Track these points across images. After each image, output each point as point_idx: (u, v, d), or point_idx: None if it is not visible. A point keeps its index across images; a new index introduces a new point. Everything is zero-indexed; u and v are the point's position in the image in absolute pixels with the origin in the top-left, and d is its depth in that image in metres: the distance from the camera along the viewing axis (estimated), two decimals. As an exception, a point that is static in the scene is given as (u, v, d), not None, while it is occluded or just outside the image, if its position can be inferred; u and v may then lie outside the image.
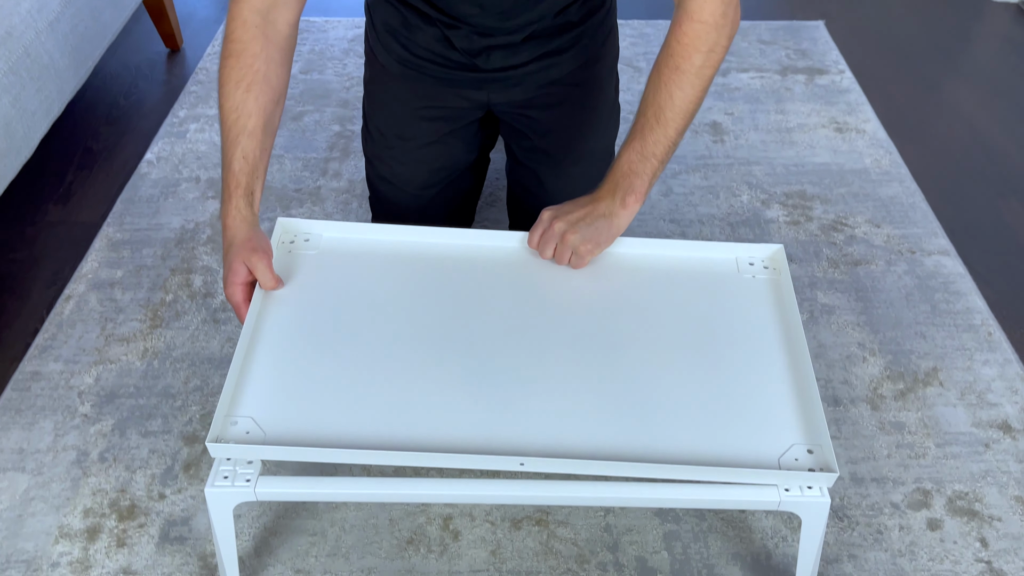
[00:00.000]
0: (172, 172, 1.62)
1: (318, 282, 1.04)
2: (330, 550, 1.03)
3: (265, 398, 0.91)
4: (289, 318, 0.99)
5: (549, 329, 0.99)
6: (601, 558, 1.02)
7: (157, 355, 1.27)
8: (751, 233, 1.49)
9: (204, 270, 1.41)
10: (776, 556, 1.03)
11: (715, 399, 0.92)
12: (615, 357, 0.96)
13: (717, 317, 1.01)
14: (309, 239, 1.09)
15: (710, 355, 0.96)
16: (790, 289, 1.02)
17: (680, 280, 1.05)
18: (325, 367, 0.94)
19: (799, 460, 0.87)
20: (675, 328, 0.99)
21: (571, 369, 0.95)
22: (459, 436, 0.88)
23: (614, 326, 1.00)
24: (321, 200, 1.56)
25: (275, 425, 0.89)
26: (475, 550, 1.03)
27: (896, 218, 1.52)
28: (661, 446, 0.88)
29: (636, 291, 1.04)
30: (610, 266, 1.07)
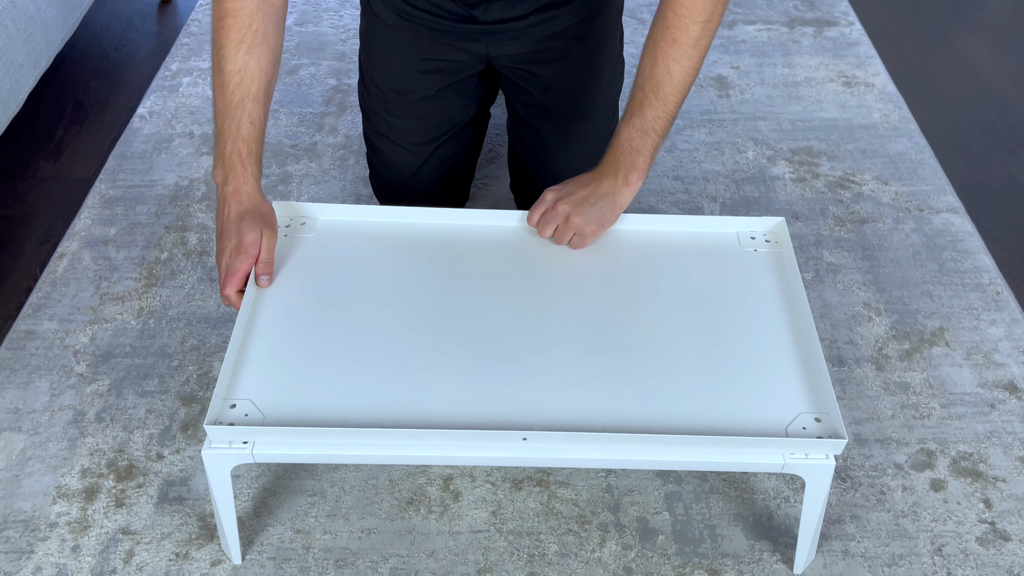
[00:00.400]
0: (165, 127, 1.59)
1: (316, 264, 1.02)
2: (330, 511, 1.03)
3: (264, 380, 0.90)
4: (287, 299, 0.98)
5: (551, 306, 0.98)
6: (602, 519, 1.02)
7: (153, 314, 1.25)
8: (756, 190, 1.46)
9: (199, 228, 1.39)
10: (778, 517, 1.02)
11: (720, 371, 0.91)
12: (618, 332, 0.95)
13: (720, 291, 0.99)
14: (305, 222, 1.07)
15: (714, 328, 0.95)
16: (793, 261, 1.01)
17: (681, 255, 1.04)
18: (324, 348, 0.93)
19: (807, 428, 0.86)
20: (678, 303, 0.98)
21: (574, 344, 0.93)
22: (461, 412, 0.87)
23: (617, 302, 0.98)
24: (317, 156, 1.53)
25: (274, 407, 0.87)
26: (476, 511, 1.03)
27: (905, 175, 1.49)
28: (667, 418, 0.87)
29: (638, 267, 1.02)
30: (611, 243, 1.05)
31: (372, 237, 1.05)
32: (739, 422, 0.87)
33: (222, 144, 0.97)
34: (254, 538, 1.00)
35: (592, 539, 1.00)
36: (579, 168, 1.23)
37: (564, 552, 0.99)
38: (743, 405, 0.88)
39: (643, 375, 0.91)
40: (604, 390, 0.90)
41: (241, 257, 0.94)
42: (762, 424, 0.87)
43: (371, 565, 0.98)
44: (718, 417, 0.87)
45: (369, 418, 0.87)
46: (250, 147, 0.97)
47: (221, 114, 0.97)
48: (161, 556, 0.98)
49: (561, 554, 0.99)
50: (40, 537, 1.00)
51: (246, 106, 0.96)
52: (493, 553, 0.99)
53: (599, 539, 1.00)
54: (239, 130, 0.96)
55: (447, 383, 0.90)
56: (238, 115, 0.96)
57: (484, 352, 0.93)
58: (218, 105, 0.98)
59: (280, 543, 1.00)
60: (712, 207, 1.43)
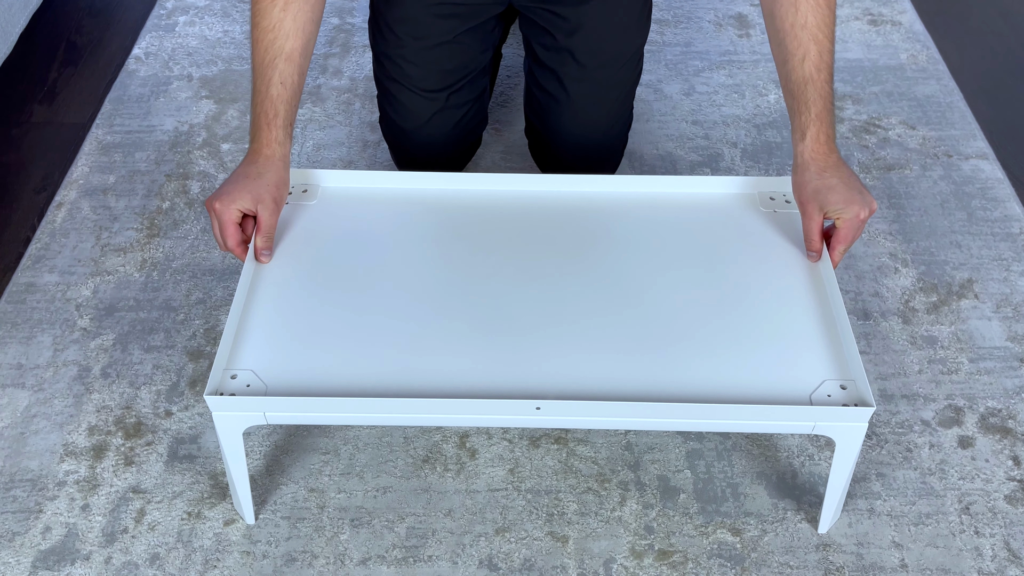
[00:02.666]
0: (162, 69, 1.53)
1: (319, 233, 0.98)
2: (343, 469, 1.00)
3: (266, 350, 0.87)
4: (289, 268, 0.94)
5: (564, 272, 0.94)
6: (622, 477, 1.00)
7: (156, 266, 1.22)
8: (778, 136, 1.41)
9: (201, 176, 1.34)
10: (802, 475, 1.00)
11: (741, 337, 0.88)
12: (635, 297, 0.91)
13: (740, 254, 0.96)
14: (307, 190, 1.02)
15: (733, 293, 0.92)
16: None
17: (698, 216, 1.00)
18: (329, 316, 0.90)
19: (832, 396, 0.83)
20: (696, 266, 0.94)
21: (589, 310, 0.90)
22: (472, 380, 0.84)
23: (632, 266, 0.94)
24: (321, 100, 1.47)
25: (277, 377, 0.85)
26: (493, 468, 1.00)
27: (933, 119, 1.44)
28: (686, 385, 0.84)
29: (653, 230, 0.98)
30: (626, 205, 1.01)
31: (377, 203, 1.01)
32: (762, 388, 0.84)
33: (253, 103, 0.94)
34: (267, 497, 0.98)
35: (612, 498, 0.98)
36: (600, 118, 1.17)
37: (584, 511, 0.97)
38: (765, 371, 0.85)
39: (659, 341, 0.88)
40: (619, 357, 0.87)
41: (221, 227, 0.93)
42: (786, 391, 0.84)
43: (387, 524, 0.96)
44: (740, 383, 0.84)
45: (376, 387, 0.84)
46: (277, 109, 0.93)
47: (254, 72, 0.94)
48: (173, 515, 0.96)
49: (581, 513, 0.97)
50: (48, 496, 0.98)
51: (277, 65, 0.92)
52: (511, 512, 0.97)
53: (619, 498, 0.98)
54: (268, 90, 0.92)
55: (457, 351, 0.87)
56: (269, 74, 0.92)
57: (495, 319, 0.89)
58: (253, 63, 0.94)
59: (294, 502, 0.98)
60: (732, 153, 1.38)
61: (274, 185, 0.93)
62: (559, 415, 0.83)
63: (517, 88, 1.48)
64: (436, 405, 0.82)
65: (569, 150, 1.20)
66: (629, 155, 1.36)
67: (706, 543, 0.94)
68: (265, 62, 0.92)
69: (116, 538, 0.94)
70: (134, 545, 0.94)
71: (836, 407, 0.82)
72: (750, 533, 0.95)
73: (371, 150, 1.38)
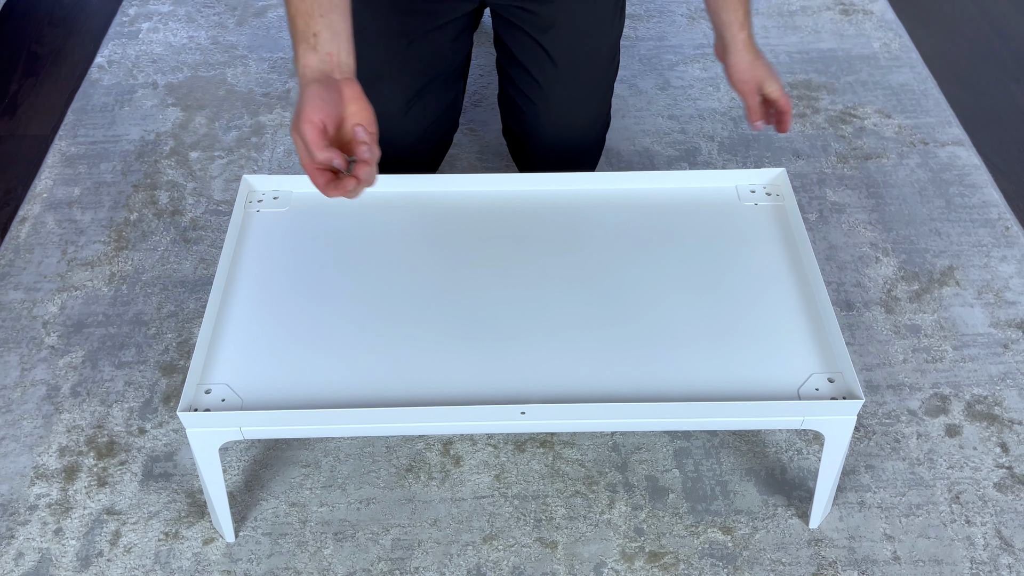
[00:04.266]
0: (126, 77, 1.49)
1: (292, 240, 0.95)
2: (325, 481, 0.98)
3: (240, 362, 0.84)
4: (262, 276, 0.92)
5: (545, 273, 0.92)
6: (610, 479, 0.98)
7: (125, 279, 1.18)
8: (755, 128, 1.39)
9: (170, 185, 1.31)
10: (791, 470, 0.99)
11: (726, 333, 0.87)
12: (618, 296, 0.90)
13: (721, 248, 0.95)
14: (278, 196, 1.00)
15: (717, 288, 0.91)
16: (797, 214, 0.96)
17: (679, 212, 0.98)
18: (305, 325, 0.87)
19: (820, 390, 0.82)
20: (678, 262, 0.93)
21: (572, 310, 0.88)
22: (454, 387, 0.82)
23: (614, 264, 0.93)
24: (291, 104, 1.44)
25: (253, 390, 0.82)
26: (478, 475, 0.98)
27: (908, 107, 1.43)
28: (673, 384, 0.83)
29: (633, 227, 0.97)
30: (606, 202, 1.00)
31: (351, 208, 0.98)
32: (749, 384, 0.83)
33: (300, 31, 0.83)
34: (247, 513, 0.95)
35: (601, 500, 0.96)
36: (578, 117, 1.15)
37: (572, 515, 0.95)
38: (752, 367, 0.84)
39: (644, 340, 0.86)
40: (604, 357, 0.85)
41: (299, 125, 0.78)
42: (773, 386, 0.83)
43: (372, 537, 0.93)
44: (726, 380, 0.83)
45: (356, 397, 0.82)
46: (295, 24, 0.83)
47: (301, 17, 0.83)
48: (150, 536, 0.93)
49: (569, 517, 0.95)
50: (20, 521, 0.94)
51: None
52: (498, 519, 0.95)
53: (608, 500, 0.96)
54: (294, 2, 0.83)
55: (438, 357, 0.85)
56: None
57: (475, 323, 0.87)
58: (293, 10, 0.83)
59: (275, 517, 0.95)
60: (710, 147, 1.37)
61: (310, 103, 0.80)
62: (544, 419, 0.82)
63: (491, 87, 1.46)
64: (418, 413, 0.80)
65: (547, 150, 1.18)
66: (606, 152, 1.34)
67: (697, 543, 0.93)
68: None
69: (91, 562, 0.91)
70: (110, 569, 0.91)
71: (824, 401, 0.81)
72: (741, 531, 0.94)
73: (344, 154, 1.35)
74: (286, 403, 0.82)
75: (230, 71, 1.50)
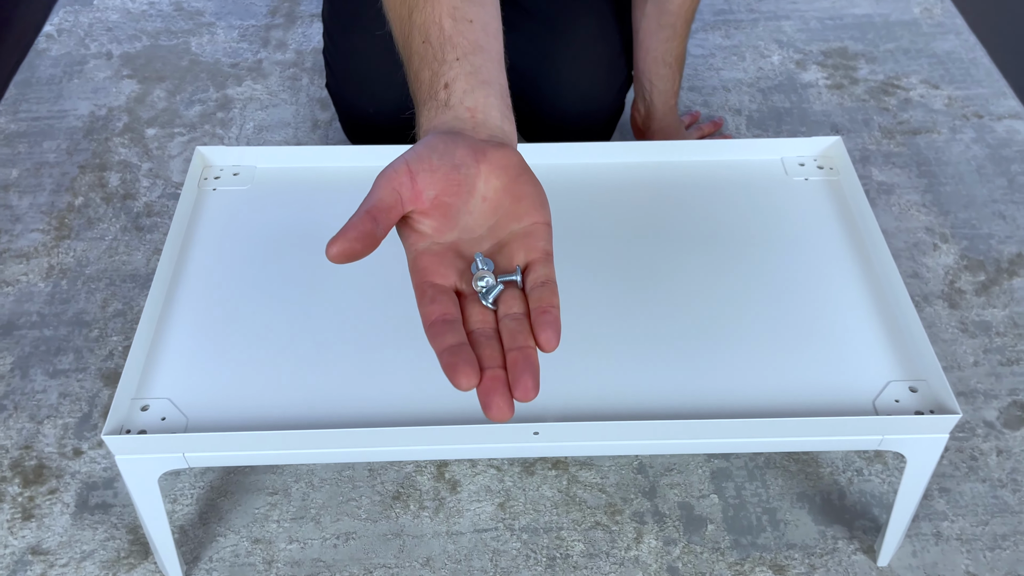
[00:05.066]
0: (77, 47, 1.32)
1: (254, 224, 0.79)
2: (295, 512, 0.82)
3: (186, 372, 0.68)
4: (217, 269, 0.75)
5: (558, 262, 0.76)
6: (636, 507, 0.82)
7: (66, 273, 1.02)
8: (787, 100, 1.24)
9: (122, 166, 1.14)
10: (851, 494, 0.83)
11: (781, 333, 0.71)
12: (646, 291, 0.74)
13: (767, 233, 0.79)
14: (239, 172, 0.83)
15: (764, 280, 0.75)
16: (858, 191, 0.80)
17: (713, 190, 0.83)
18: (268, 328, 0.71)
19: (900, 402, 0.67)
20: (719, 251, 0.77)
21: (591, 309, 0.73)
22: (450, 403, 0.66)
23: (641, 253, 0.77)
24: (263, 76, 1.28)
25: (201, 407, 0.66)
26: (479, 504, 0.82)
27: (956, 77, 1.28)
28: (716, 397, 0.67)
29: (663, 209, 0.81)
30: (624, 179, 0.84)
31: (325, 187, 0.82)
32: (810, 397, 0.67)
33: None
34: (201, 552, 0.79)
35: (626, 533, 0.80)
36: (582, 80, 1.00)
37: (592, 551, 0.79)
38: (813, 375, 0.68)
39: (680, 344, 0.71)
40: (632, 366, 0.69)
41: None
42: (842, 398, 0.67)
43: (351, 580, 0.77)
44: (783, 393, 0.67)
45: (329, 415, 0.66)
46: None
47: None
48: (81, 582, 0.77)
49: (589, 554, 0.79)
50: (-76, 564, 0.78)
51: None
52: (504, 557, 0.79)
53: (634, 533, 0.80)
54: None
55: (429, 367, 0.68)
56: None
57: None
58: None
59: (235, 557, 0.79)
60: (737, 121, 1.21)
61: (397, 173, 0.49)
62: (563, 440, 0.66)
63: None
64: (407, 435, 0.64)
65: (551, 118, 1.02)
66: (621, 128, 1.18)
67: (744, 586, 0.77)
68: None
69: (8, 616, 0.75)
70: (30, 624, 0.75)
71: (908, 416, 0.66)
72: (796, 570, 0.78)
73: (322, 130, 1.19)
74: (242, 423, 0.66)
75: (195, 40, 1.34)
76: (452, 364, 0.42)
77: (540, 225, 0.48)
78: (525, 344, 0.43)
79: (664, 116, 1.06)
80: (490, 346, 0.44)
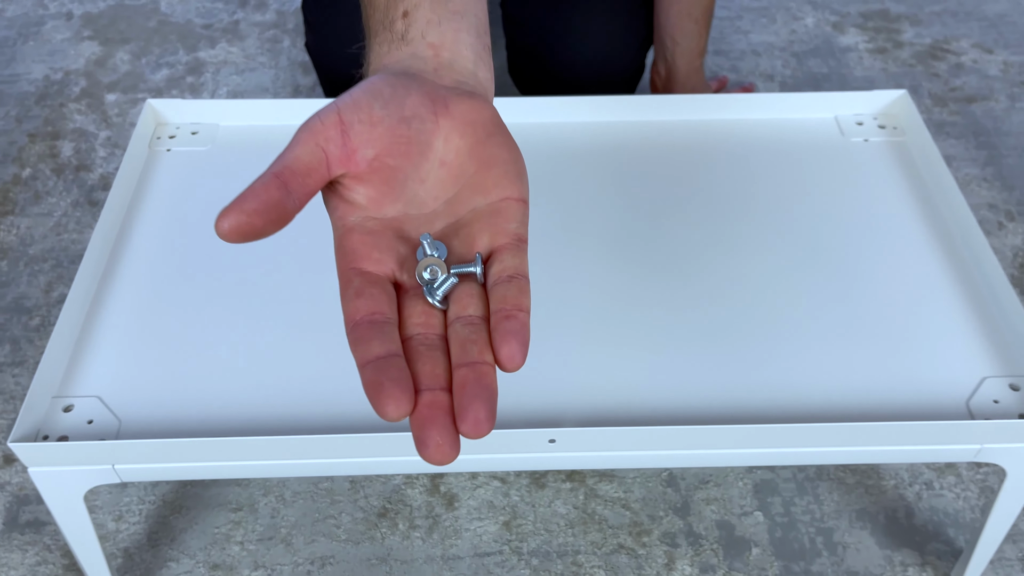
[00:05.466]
0: (35, 7, 1.20)
1: (212, 194, 0.67)
2: (263, 532, 0.69)
3: (120, 365, 0.56)
4: (167, 243, 0.63)
5: (576, 237, 0.64)
6: (667, 526, 0.69)
7: (6, 253, 0.89)
8: (824, 65, 1.11)
9: (76, 134, 1.01)
10: (921, 512, 0.71)
11: (842, 325, 0.59)
12: (681, 276, 0.62)
13: (821, 206, 0.67)
14: (198, 131, 0.71)
15: (821, 263, 0.63)
16: (932, 154, 0.68)
17: (759, 156, 0.71)
18: (225, 314, 0.59)
19: (1000, 403, 0.54)
20: (762, 227, 0.65)
21: (619, 297, 0.60)
22: None
23: (672, 230, 0.65)
24: (240, 37, 1.15)
25: (136, 406, 0.54)
26: (480, 522, 0.70)
27: (1011, 40, 1.15)
28: (770, 397, 0.55)
29: (697, 178, 0.69)
30: (655, 143, 0.71)
31: None
32: (887, 396, 0.55)
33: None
34: (149, 580, 0.66)
35: (655, 558, 0.68)
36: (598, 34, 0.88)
37: (615, 581, 0.67)
38: (892, 371, 0.56)
39: (727, 336, 0.58)
40: (668, 362, 0.57)
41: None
42: (927, 398, 0.55)
43: (327, 615, 0.65)
44: (850, 393, 0.55)
45: (300, 418, 0.53)
46: None
47: None
48: (3, 617, 0.64)
49: (611, 584, 0.66)
50: None
51: None
52: (510, 588, 0.66)
53: (665, 558, 0.68)
54: None
55: None
56: None
57: None
58: None
59: (188, 587, 0.66)
60: (769, 88, 1.08)
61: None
62: (584, 449, 0.53)
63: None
64: (392, 443, 0.52)
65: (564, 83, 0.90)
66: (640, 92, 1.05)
67: (798, 623, 0.64)
68: None
69: (-89, 659, 0.62)
70: (-63, 670, 0.62)
71: (1014, 421, 0.53)
72: (859, 603, 0.65)
73: (304, 96, 1.06)
74: (189, 427, 0.53)
75: None
76: (376, 383, 0.29)
77: (513, 202, 0.35)
78: (480, 359, 0.30)
79: (688, 77, 0.93)
80: (432, 359, 0.31)
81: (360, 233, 0.34)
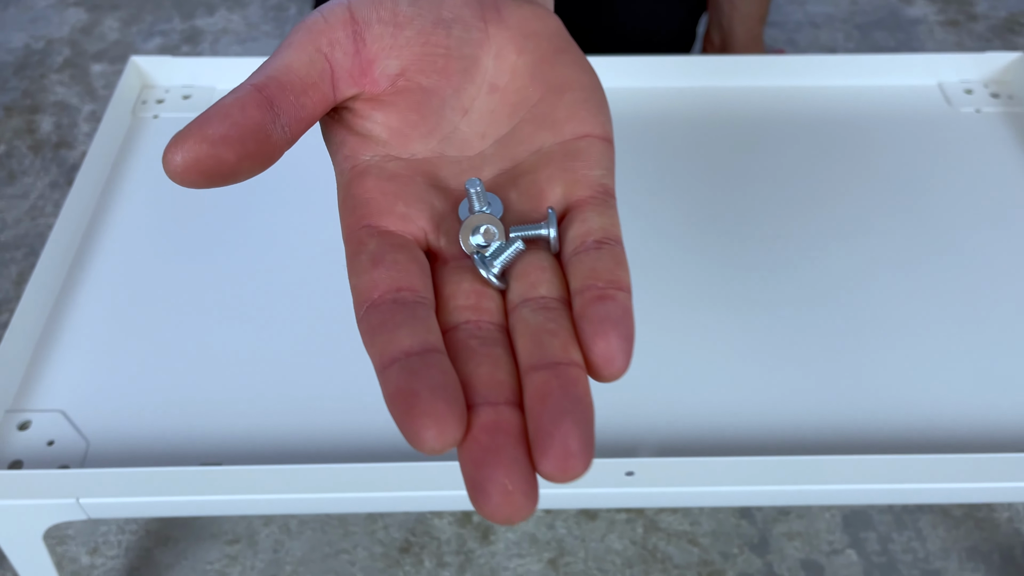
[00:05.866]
0: (16, -29, 1.09)
1: None
2: (264, 569, 0.58)
3: (91, 375, 0.45)
4: (146, 232, 0.53)
5: (654, 227, 0.54)
6: (743, 566, 0.59)
7: (-26, 240, 0.78)
8: (891, 39, 1.00)
9: (57, 108, 0.91)
10: (1043, 551, 0.60)
11: (963, 336, 0.48)
12: (763, 270, 0.51)
13: (927, 188, 0.56)
14: (191, 95, 0.61)
15: (933, 259, 0.52)
16: None
17: (850, 129, 0.60)
18: (215, 315, 0.48)
19: None
20: (869, 216, 0.55)
21: (697, 302, 0.50)
22: None
23: (762, 218, 0.54)
24: (242, 5, 1.04)
25: (109, 427, 0.43)
26: (521, 560, 0.59)
27: (1098, 13, 1.04)
28: (881, 424, 0.44)
29: (778, 157, 0.58)
30: (725, 113, 0.61)
31: None
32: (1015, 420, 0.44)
33: None
34: (127, 628, 0.56)
35: (730, 606, 0.57)
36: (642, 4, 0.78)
37: (684, 633, 0.56)
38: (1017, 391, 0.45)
39: (832, 344, 0.47)
40: (764, 380, 0.46)
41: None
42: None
43: (340, 674, 0.54)
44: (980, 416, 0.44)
45: (302, 443, 0.43)
46: None
47: None
48: (-49, 674, 0.54)
49: (680, 637, 0.56)
50: None
51: None
52: (559, 640, 0.55)
53: (742, 605, 0.57)
54: None
55: None
56: None
57: None
58: None
59: (174, 636, 0.55)
60: (831, 62, 0.97)
61: None
62: (666, 485, 0.42)
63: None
64: (420, 473, 0.41)
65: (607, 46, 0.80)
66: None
67: None
68: None
69: None
70: None
71: None
72: (977, 663, 0.55)
73: (312, 69, 0.95)
74: (171, 450, 0.43)
75: (160, -36, 1.10)
76: (405, 393, 0.18)
77: (595, 140, 0.24)
78: (564, 357, 0.19)
79: (747, 47, 0.83)
80: (491, 358, 0.19)
81: (378, 178, 0.23)
